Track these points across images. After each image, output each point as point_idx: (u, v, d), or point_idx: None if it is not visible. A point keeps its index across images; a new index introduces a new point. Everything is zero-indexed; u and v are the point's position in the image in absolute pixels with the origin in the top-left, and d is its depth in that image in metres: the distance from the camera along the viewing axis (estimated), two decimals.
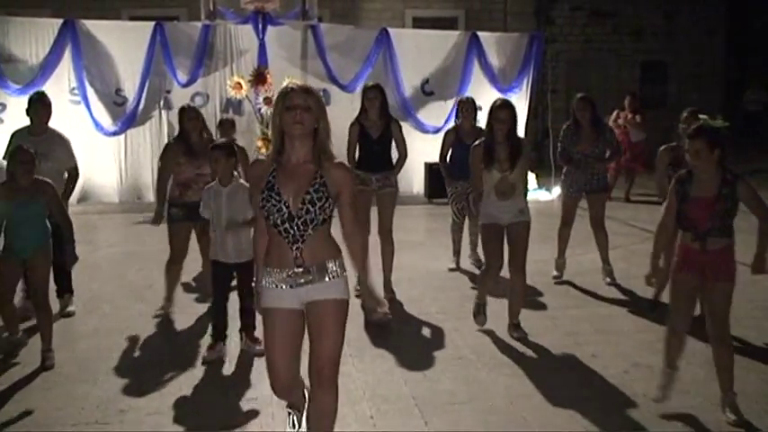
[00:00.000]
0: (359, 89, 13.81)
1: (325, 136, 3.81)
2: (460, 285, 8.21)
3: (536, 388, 5.44)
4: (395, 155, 7.82)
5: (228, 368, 5.88)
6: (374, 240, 7.40)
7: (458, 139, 8.65)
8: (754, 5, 21.71)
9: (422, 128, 14.21)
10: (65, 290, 7.27)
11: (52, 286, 6.52)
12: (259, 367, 5.76)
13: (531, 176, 14.48)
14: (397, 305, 7.51)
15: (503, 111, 6.24)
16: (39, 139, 6.92)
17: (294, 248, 3.75)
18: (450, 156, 8.72)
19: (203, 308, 7.32)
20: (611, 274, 8.26)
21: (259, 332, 5.49)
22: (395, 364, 5.90)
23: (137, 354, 6.21)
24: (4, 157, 6.53)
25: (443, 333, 6.68)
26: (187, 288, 8.09)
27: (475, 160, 6.41)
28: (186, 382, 5.58)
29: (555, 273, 8.45)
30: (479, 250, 8.19)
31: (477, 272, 8.42)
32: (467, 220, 8.93)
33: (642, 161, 13.99)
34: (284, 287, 3.81)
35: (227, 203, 5.99)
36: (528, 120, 15.18)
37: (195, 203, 6.42)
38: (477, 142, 6.51)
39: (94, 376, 5.68)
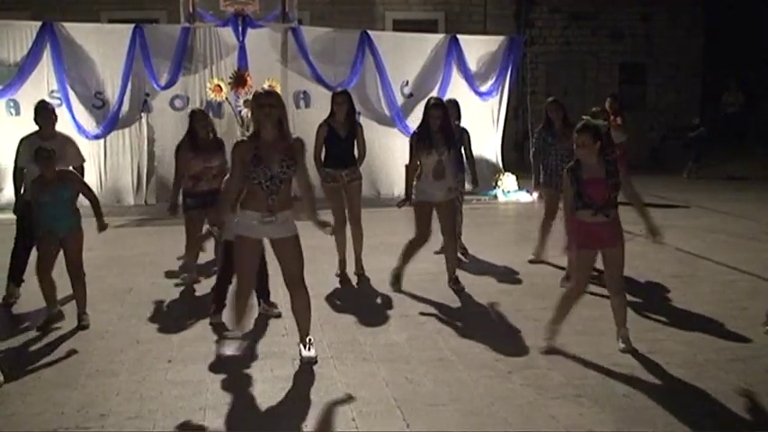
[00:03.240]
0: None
1: (285, 122, 5.72)
2: (441, 287, 8.16)
3: (517, 389, 5.47)
4: None
5: (202, 381, 5.87)
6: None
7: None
8: (732, 7, 21.87)
9: (406, 132, 14.24)
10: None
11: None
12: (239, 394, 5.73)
13: (512, 178, 14.61)
14: (378, 307, 7.55)
15: (436, 109, 7.67)
16: (50, 142, 7.34)
17: (269, 199, 5.58)
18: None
19: (182, 310, 7.37)
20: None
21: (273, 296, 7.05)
22: (376, 366, 5.91)
23: (117, 357, 6.15)
24: (17, 162, 7.68)
25: (425, 334, 6.70)
26: (164, 290, 8.10)
27: (412, 146, 7.74)
28: (167, 386, 5.55)
29: (531, 256, 9.06)
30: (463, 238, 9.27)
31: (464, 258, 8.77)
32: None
33: (624, 163, 14.04)
34: (256, 223, 5.63)
35: None
36: (507, 121, 15.24)
37: (206, 192, 7.88)
38: (413, 132, 7.87)
39: (75, 380, 5.65)
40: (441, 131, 7.66)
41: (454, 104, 9.31)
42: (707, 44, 21.51)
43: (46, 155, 6.79)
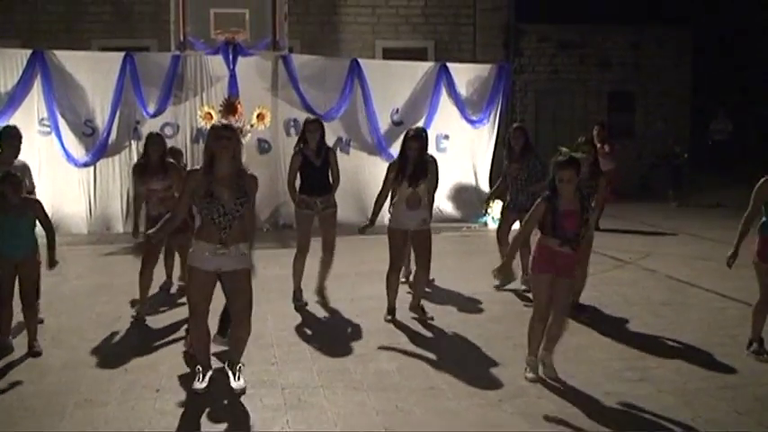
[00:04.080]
0: (336, 119, 13.99)
1: (239, 156, 5.72)
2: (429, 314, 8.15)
3: (508, 418, 5.45)
4: None
5: (197, 402, 5.83)
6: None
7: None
8: (722, 36, 22.06)
9: (389, 159, 14.24)
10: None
11: None
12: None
13: (499, 204, 14.61)
14: (367, 335, 7.51)
15: (415, 141, 7.71)
16: (12, 167, 7.37)
17: (222, 233, 5.58)
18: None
19: (171, 339, 7.32)
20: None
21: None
22: (366, 396, 5.88)
23: (105, 387, 6.09)
24: None
25: (414, 363, 6.67)
26: (152, 319, 8.06)
27: (388, 175, 7.82)
28: (156, 416, 5.52)
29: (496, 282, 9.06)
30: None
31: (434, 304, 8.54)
32: None
33: (611, 190, 14.09)
34: (208, 255, 5.62)
35: None
36: (496, 149, 15.30)
37: (156, 218, 7.44)
38: (392, 161, 8.00)
39: (62, 410, 5.59)
40: (416, 162, 7.70)
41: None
42: (695, 72, 21.64)
43: (16, 180, 6.76)
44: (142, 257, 8.02)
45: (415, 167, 7.67)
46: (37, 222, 6.96)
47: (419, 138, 7.77)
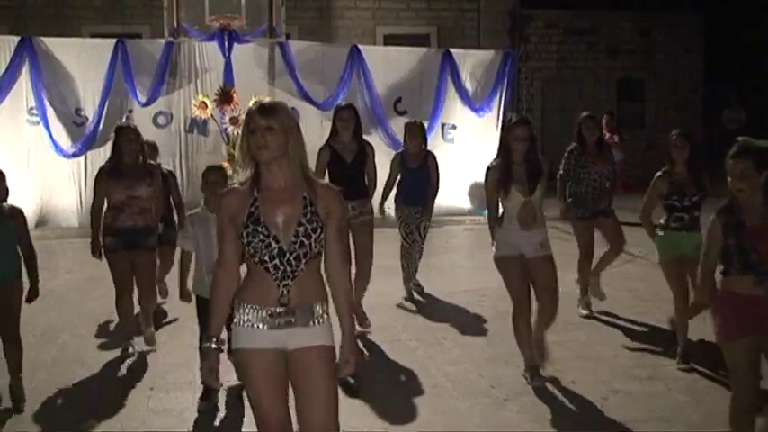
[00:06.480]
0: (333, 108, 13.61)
1: (302, 156, 3.43)
2: (433, 311, 8.06)
3: (514, 417, 5.35)
4: None
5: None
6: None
7: (403, 164, 8.51)
8: (733, 22, 21.66)
9: (395, 148, 13.90)
10: None
11: None
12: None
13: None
14: (369, 333, 7.33)
15: (521, 128, 5.70)
16: None
17: (282, 286, 3.34)
18: (399, 181, 8.56)
19: (164, 336, 7.13)
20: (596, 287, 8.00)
21: None
22: (368, 395, 5.72)
23: (97, 384, 6.03)
24: None
25: (417, 361, 6.54)
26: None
27: (489, 185, 5.80)
28: (149, 415, 5.43)
29: (582, 311, 7.88)
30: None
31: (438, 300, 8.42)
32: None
33: (620, 182, 13.68)
34: (262, 327, 3.37)
35: None
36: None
37: (129, 230, 6.40)
38: (491, 164, 5.89)
39: (52, 409, 5.54)
40: (525, 161, 5.75)
41: (419, 127, 8.73)
42: (707, 59, 21.33)
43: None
44: (115, 285, 6.67)
45: (523, 168, 5.73)
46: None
47: (525, 123, 5.84)
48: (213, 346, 3.44)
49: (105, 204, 6.58)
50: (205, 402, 5.47)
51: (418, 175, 8.41)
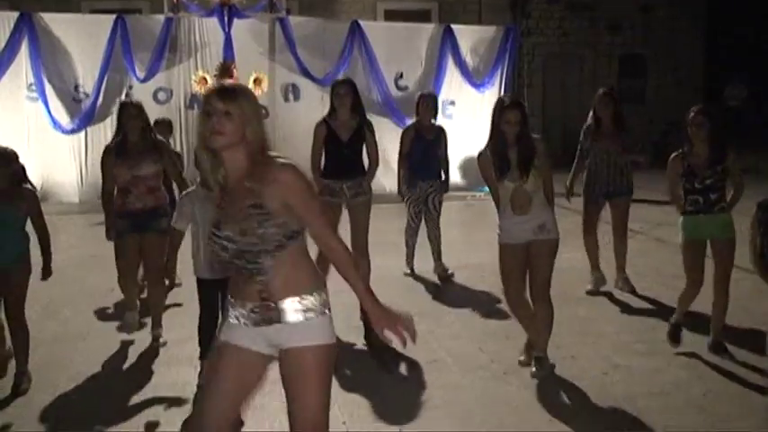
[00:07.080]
0: None
1: (257, 142, 3.09)
2: (433, 287, 8.05)
3: (513, 391, 5.34)
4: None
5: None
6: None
7: (417, 135, 8.34)
8: None
9: (402, 124, 13.85)
10: None
11: None
12: None
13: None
14: None
15: (513, 112, 5.36)
16: None
17: (258, 282, 3.09)
18: (410, 153, 8.35)
19: (167, 311, 6.91)
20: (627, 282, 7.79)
21: None
22: (367, 368, 5.77)
23: (99, 359, 5.98)
24: None
25: (417, 335, 6.32)
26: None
27: (485, 171, 5.57)
28: (152, 388, 5.44)
29: (589, 286, 7.80)
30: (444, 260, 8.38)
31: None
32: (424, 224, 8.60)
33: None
34: (246, 323, 3.14)
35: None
36: None
37: (139, 211, 6.16)
38: (482, 149, 5.60)
39: (54, 385, 5.47)
40: (517, 145, 5.45)
41: (432, 99, 8.62)
42: (709, 35, 21.14)
43: (5, 156, 5.31)
44: (118, 271, 6.54)
45: (514, 152, 5.44)
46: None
47: (517, 106, 5.45)
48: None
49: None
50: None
51: (431, 148, 8.30)
